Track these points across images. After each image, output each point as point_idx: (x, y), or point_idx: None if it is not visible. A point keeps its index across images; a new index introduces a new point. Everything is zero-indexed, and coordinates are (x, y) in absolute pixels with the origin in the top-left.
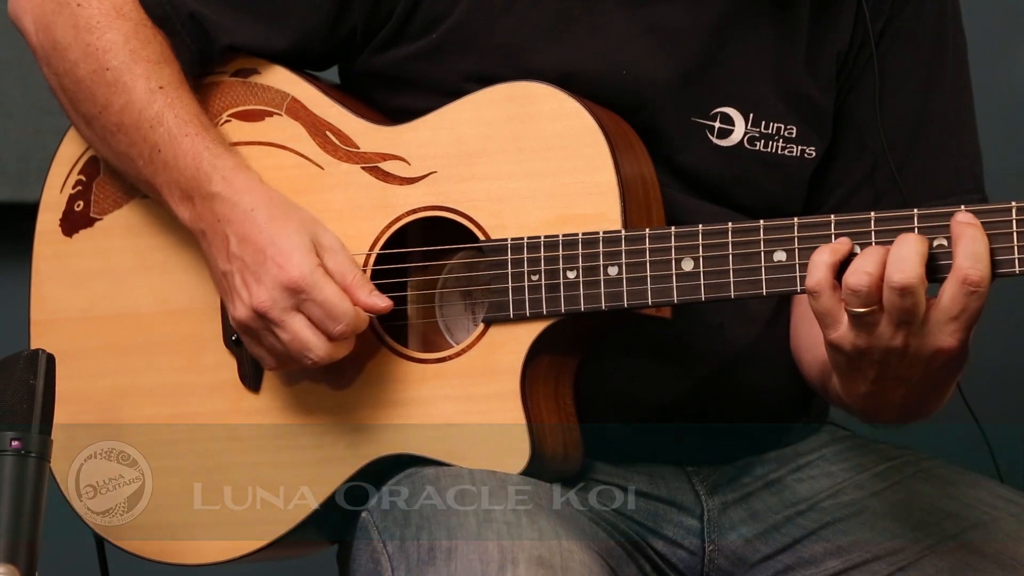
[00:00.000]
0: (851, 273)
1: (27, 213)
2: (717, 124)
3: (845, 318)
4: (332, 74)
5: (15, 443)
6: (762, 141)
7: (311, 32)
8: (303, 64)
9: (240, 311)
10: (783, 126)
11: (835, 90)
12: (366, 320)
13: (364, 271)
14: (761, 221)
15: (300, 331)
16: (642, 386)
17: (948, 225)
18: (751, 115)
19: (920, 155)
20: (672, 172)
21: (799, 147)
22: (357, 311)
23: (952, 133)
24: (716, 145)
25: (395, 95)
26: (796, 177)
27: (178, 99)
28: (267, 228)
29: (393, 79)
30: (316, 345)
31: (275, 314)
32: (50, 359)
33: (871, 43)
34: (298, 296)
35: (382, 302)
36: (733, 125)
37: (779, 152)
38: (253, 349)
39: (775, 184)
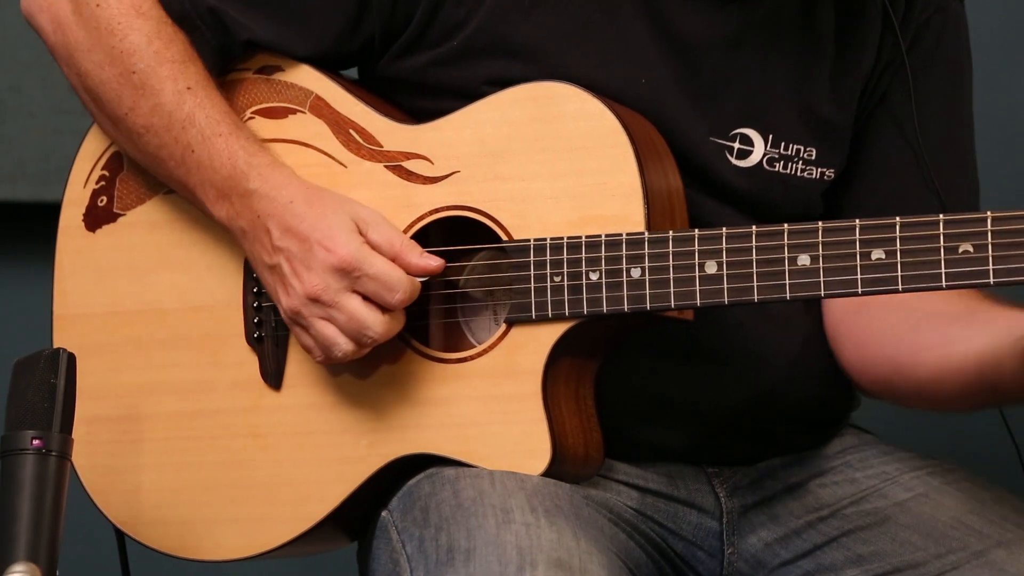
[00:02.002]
0: None
1: (49, 213)
2: (736, 145)
3: None
4: (352, 74)
5: (36, 442)
6: (781, 162)
7: (330, 37)
8: (323, 67)
9: (293, 300)
10: (803, 148)
11: (856, 110)
12: (419, 285)
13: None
14: (785, 225)
15: (356, 309)
16: (663, 386)
17: (973, 231)
18: (771, 136)
19: (943, 176)
20: (692, 177)
21: (819, 169)
22: (410, 277)
23: (967, 156)
24: (735, 166)
25: (419, 99)
26: (814, 198)
27: (207, 99)
28: (307, 216)
29: (416, 84)
30: (374, 321)
31: (329, 296)
32: (71, 358)
33: (904, 62)
34: (351, 275)
35: (434, 262)
36: (752, 146)
37: (798, 174)
38: (306, 341)
39: (793, 205)
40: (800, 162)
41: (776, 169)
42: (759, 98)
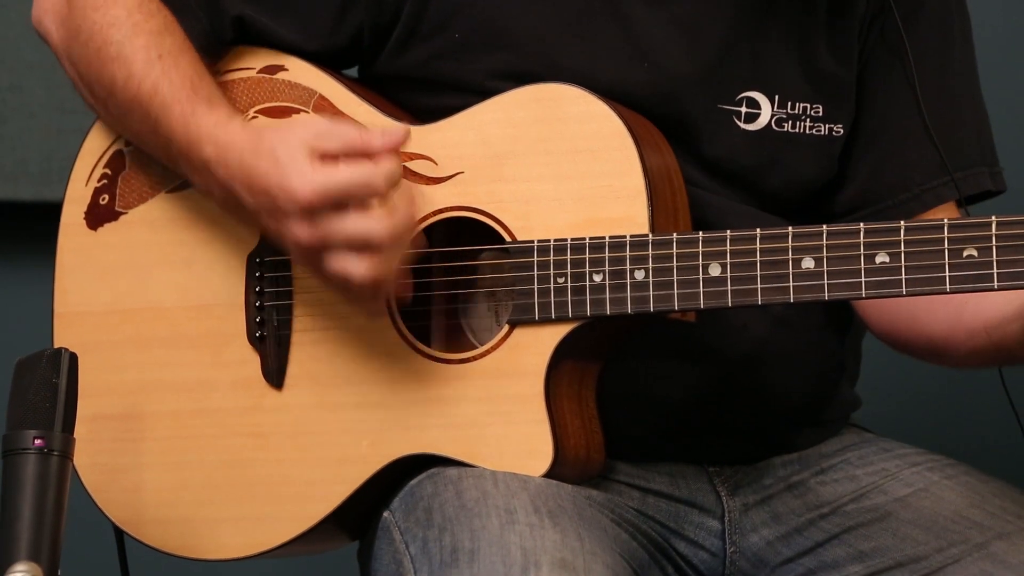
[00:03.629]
0: None
1: (50, 213)
2: (744, 109)
3: None
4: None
5: (38, 441)
6: (789, 122)
7: (316, 29)
8: (322, 64)
9: (294, 251)
10: (809, 105)
11: (856, 63)
12: (396, 163)
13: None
14: (790, 228)
15: (350, 226)
16: (664, 386)
17: (977, 235)
18: (777, 97)
19: (944, 128)
20: (701, 165)
21: (826, 125)
22: (380, 164)
23: (968, 106)
24: (744, 130)
25: (421, 95)
26: (825, 156)
27: (174, 66)
28: (259, 166)
29: (416, 80)
30: (372, 225)
31: (321, 233)
32: (73, 358)
33: (894, 13)
34: (325, 206)
35: (398, 133)
36: (759, 108)
37: (807, 132)
38: (335, 277)
39: (805, 164)
40: (808, 120)
41: (785, 129)
42: (761, 60)
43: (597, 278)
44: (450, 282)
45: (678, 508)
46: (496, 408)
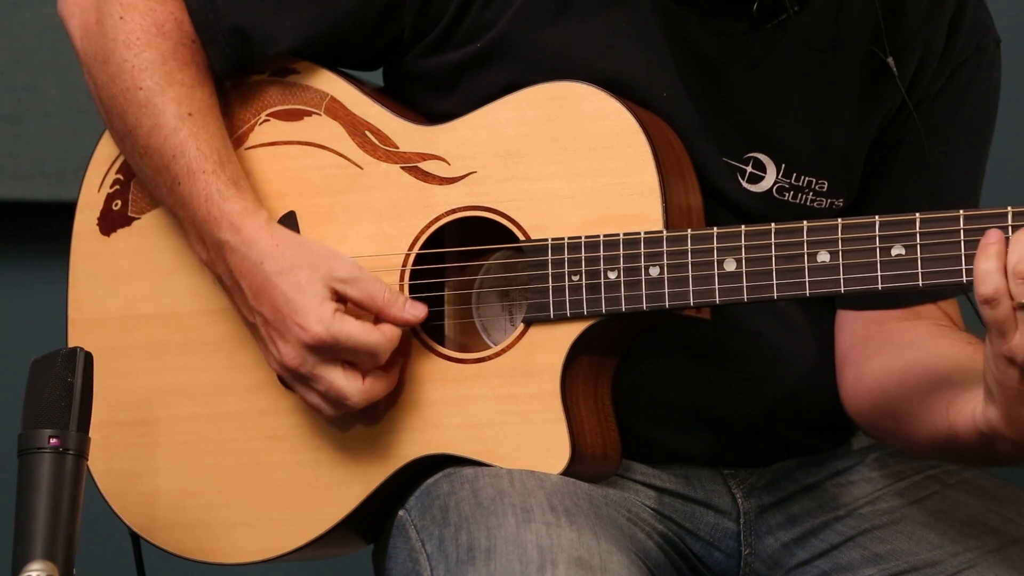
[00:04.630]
0: (1021, 260)
1: (65, 212)
2: (749, 168)
3: (1018, 321)
4: (374, 76)
5: (53, 441)
6: (791, 192)
7: (358, 37)
8: (348, 65)
9: (275, 365)
10: (815, 180)
11: (872, 142)
12: (398, 337)
13: (400, 284)
14: (805, 222)
15: (334, 381)
16: (679, 388)
17: (992, 227)
18: (783, 165)
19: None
20: (704, 192)
21: (828, 199)
22: (390, 336)
23: (978, 191)
24: (745, 189)
25: (437, 99)
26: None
27: (203, 128)
28: (279, 283)
29: (438, 83)
30: (352, 391)
31: (307, 369)
32: (88, 357)
33: (918, 106)
34: (329, 351)
35: (419, 311)
36: (764, 172)
37: (807, 204)
38: (304, 399)
39: None
40: (811, 193)
41: (786, 198)
42: (776, 126)
43: (612, 275)
44: (463, 282)
45: (693, 509)
46: (512, 407)
